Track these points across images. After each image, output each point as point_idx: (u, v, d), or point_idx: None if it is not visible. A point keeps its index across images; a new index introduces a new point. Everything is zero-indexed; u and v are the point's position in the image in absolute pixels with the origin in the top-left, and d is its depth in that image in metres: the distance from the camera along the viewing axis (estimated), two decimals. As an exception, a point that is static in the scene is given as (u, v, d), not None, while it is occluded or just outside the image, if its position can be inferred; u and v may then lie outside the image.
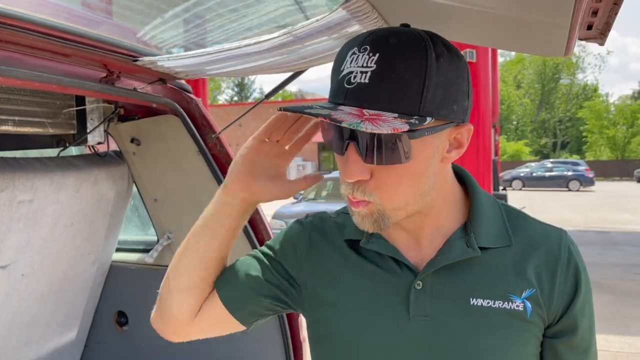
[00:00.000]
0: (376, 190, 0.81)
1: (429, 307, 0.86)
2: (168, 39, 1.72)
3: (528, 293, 0.85)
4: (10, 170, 1.68)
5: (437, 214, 0.89)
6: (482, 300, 0.85)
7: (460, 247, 0.87)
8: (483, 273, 0.86)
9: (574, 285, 0.87)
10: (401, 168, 0.79)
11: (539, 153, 55.35)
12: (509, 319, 0.84)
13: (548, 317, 0.86)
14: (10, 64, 1.35)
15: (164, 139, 2.10)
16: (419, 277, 0.87)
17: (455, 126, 0.82)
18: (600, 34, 1.29)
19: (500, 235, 0.88)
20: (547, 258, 0.87)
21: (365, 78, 0.75)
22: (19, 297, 1.95)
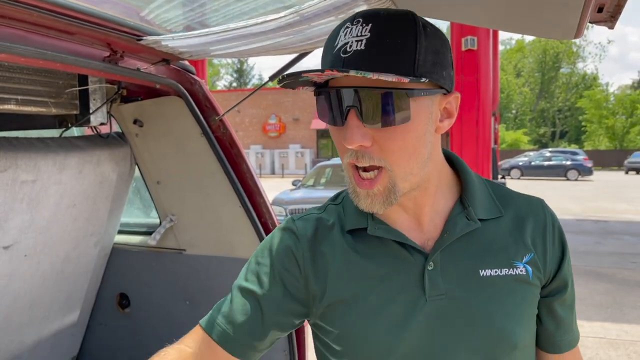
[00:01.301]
0: (382, 154, 0.82)
1: (443, 285, 0.87)
2: (172, 18, 1.70)
3: (528, 258, 0.90)
4: (13, 150, 1.67)
5: (434, 190, 0.92)
6: (490, 270, 0.89)
7: (462, 221, 0.90)
8: (486, 244, 0.91)
9: (561, 247, 0.94)
10: (402, 130, 0.80)
11: (538, 142, 55.35)
12: (516, 284, 0.89)
13: (544, 277, 0.92)
14: (15, 41, 1.33)
15: (167, 120, 2.08)
16: (430, 258, 0.88)
17: (444, 95, 0.86)
18: (611, 17, 1.27)
19: (492, 207, 0.94)
20: (536, 224, 0.94)
21: (361, 45, 0.78)
22: (21, 278, 1.95)
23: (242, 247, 2.11)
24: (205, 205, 2.14)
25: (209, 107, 2.04)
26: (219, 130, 2.04)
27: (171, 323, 2.32)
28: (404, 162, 0.82)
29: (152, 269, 2.34)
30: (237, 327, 0.95)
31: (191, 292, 2.26)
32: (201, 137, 2.03)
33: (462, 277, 0.88)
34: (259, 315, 0.94)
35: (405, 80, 0.75)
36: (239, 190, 2.03)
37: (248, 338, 0.94)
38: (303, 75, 0.78)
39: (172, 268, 2.29)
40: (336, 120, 0.82)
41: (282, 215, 8.73)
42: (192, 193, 2.16)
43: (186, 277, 2.26)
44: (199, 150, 2.06)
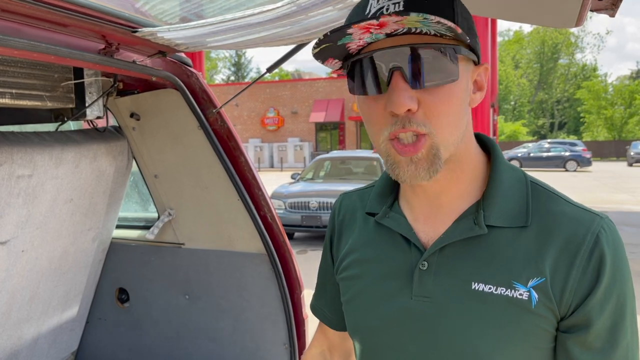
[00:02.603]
0: (427, 119, 0.76)
1: (431, 288, 0.83)
2: (168, 10, 1.68)
3: (535, 282, 0.77)
4: (8, 145, 1.65)
5: (460, 177, 0.85)
6: (484, 285, 0.79)
7: (467, 224, 0.82)
8: (489, 255, 0.81)
9: (594, 277, 0.76)
10: (448, 92, 0.76)
11: (537, 134, 55.37)
12: (510, 307, 0.78)
13: (560, 309, 0.77)
14: (8, 33, 1.31)
15: (164, 113, 2.06)
16: (424, 257, 0.84)
17: (475, 65, 0.83)
18: (612, 5, 1.25)
19: (517, 214, 0.81)
20: (567, 245, 0.78)
21: (399, 7, 0.74)
22: (19, 273, 1.94)
23: (241, 241, 2.10)
24: (204, 199, 2.13)
25: (206, 100, 2.02)
26: (216, 123, 2.02)
27: (170, 317, 2.31)
28: (448, 128, 0.77)
29: (151, 264, 2.33)
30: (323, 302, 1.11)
31: (190, 286, 2.25)
32: (199, 130, 2.01)
33: (452, 285, 0.82)
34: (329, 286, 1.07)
35: (459, 31, 0.69)
36: (238, 183, 2.02)
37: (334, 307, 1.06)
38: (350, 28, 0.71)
39: (171, 262, 2.28)
40: (376, 88, 0.77)
41: (281, 208, 8.72)
42: (190, 187, 2.15)
43: (185, 271, 2.25)
44: (197, 143, 2.04)
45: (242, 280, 2.13)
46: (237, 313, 2.16)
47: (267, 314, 2.10)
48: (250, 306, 2.13)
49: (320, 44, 0.75)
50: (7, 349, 2.08)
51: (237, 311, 2.16)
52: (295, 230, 8.88)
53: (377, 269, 0.90)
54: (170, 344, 2.34)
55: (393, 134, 0.77)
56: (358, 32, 0.72)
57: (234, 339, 2.19)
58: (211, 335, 2.23)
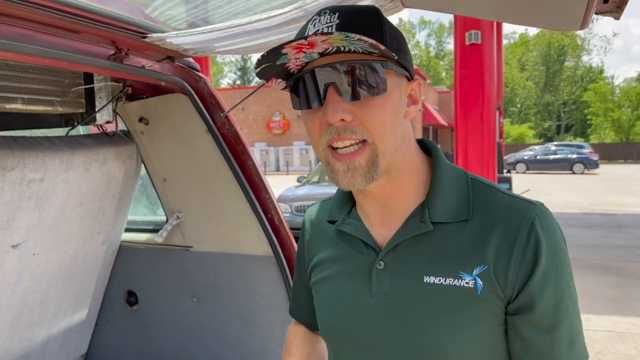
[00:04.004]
0: (363, 127, 0.83)
1: (388, 285, 0.89)
2: (176, 16, 1.70)
3: (479, 270, 0.83)
4: (20, 149, 1.68)
5: (404, 182, 0.91)
6: (435, 277, 0.85)
7: (414, 223, 0.89)
8: (437, 250, 0.87)
9: (532, 260, 0.82)
10: (380, 103, 0.83)
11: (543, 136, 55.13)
12: (459, 296, 0.83)
13: (505, 293, 0.83)
14: (21, 40, 1.34)
15: (173, 117, 2.09)
16: (380, 257, 0.91)
17: (408, 81, 0.90)
18: (617, 7, 1.26)
19: (460, 209, 0.88)
20: (506, 232, 0.84)
21: (332, 29, 0.81)
22: (30, 276, 1.96)
23: (248, 244, 2.11)
24: (212, 202, 2.15)
25: (214, 104, 2.04)
26: (224, 127, 2.04)
27: (179, 320, 2.33)
28: (385, 135, 0.84)
29: (160, 266, 2.35)
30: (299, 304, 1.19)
31: (198, 289, 2.27)
32: (207, 134, 2.03)
33: (406, 281, 0.88)
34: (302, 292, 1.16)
35: (382, 47, 0.76)
36: (245, 186, 2.04)
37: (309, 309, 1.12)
38: (284, 48, 0.78)
39: (179, 265, 2.30)
40: (314, 102, 0.84)
41: (287, 211, 8.74)
42: (198, 190, 2.17)
43: (193, 273, 2.27)
44: (205, 147, 2.06)
45: (250, 282, 2.14)
46: (245, 315, 2.17)
47: (274, 316, 2.11)
48: (258, 308, 2.14)
49: (260, 64, 0.83)
50: (18, 351, 2.10)
51: (245, 313, 2.17)
52: (301, 233, 8.89)
53: (340, 273, 0.97)
54: (178, 346, 2.35)
55: (329, 142, 0.84)
56: (292, 52, 0.80)
57: (242, 341, 2.20)
58: (219, 338, 2.25)
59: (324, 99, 0.83)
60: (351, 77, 0.81)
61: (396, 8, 1.37)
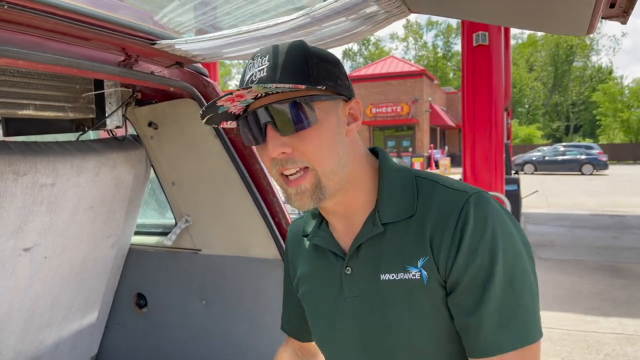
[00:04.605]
0: (303, 156, 0.91)
1: (356, 287, 0.98)
2: (185, 22, 1.73)
3: (422, 261, 0.90)
4: (32, 155, 1.71)
5: (358, 192, 0.98)
6: (388, 274, 0.93)
7: (368, 226, 0.97)
8: (387, 248, 0.95)
9: (457, 243, 0.87)
10: (315, 133, 0.91)
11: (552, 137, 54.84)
12: (409, 288, 0.91)
13: (442, 278, 0.90)
14: (33, 48, 1.36)
15: (181, 122, 2.11)
16: (346, 263, 1.00)
17: (346, 102, 0.97)
18: (623, 12, 1.27)
19: (403, 208, 0.95)
20: (439, 222, 0.90)
21: (263, 72, 0.91)
22: (41, 279, 1.99)
23: (256, 247, 2.13)
24: (220, 206, 2.16)
25: (222, 109, 2.06)
26: (232, 131, 2.06)
27: (187, 322, 2.35)
28: (324, 160, 0.92)
29: (169, 269, 2.38)
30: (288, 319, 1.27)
31: (207, 292, 2.29)
32: (215, 138, 2.05)
33: (367, 281, 0.96)
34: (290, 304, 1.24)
35: (301, 87, 0.86)
36: (253, 190, 2.05)
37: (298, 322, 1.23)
38: (218, 103, 0.89)
39: (188, 268, 2.32)
40: (258, 139, 0.93)
41: (294, 214, 8.75)
42: (206, 194, 2.19)
43: (202, 276, 2.29)
44: (213, 151, 2.08)
45: (258, 285, 2.16)
46: (253, 318, 2.19)
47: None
48: (266, 311, 2.16)
49: (204, 116, 0.94)
50: (29, 353, 2.13)
51: (253, 316, 2.19)
52: (309, 235, 8.90)
53: (317, 283, 1.07)
54: (187, 349, 2.37)
55: (279, 171, 0.94)
56: (228, 102, 0.90)
57: (250, 344, 2.22)
58: (227, 340, 2.27)
59: (265, 136, 0.92)
60: (283, 115, 0.89)
61: (403, 13, 1.38)
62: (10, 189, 1.66)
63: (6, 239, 1.74)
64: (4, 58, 1.28)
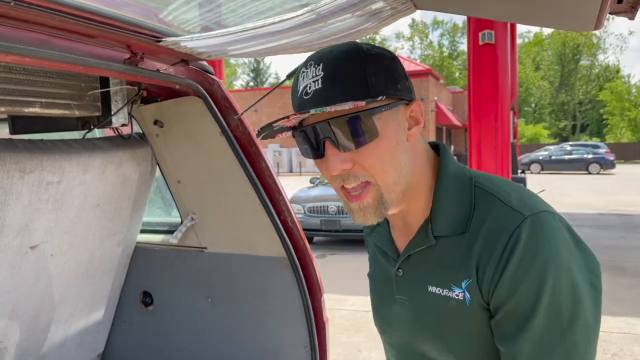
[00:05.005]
0: (364, 171, 0.89)
1: (405, 290, 1.01)
2: (190, 19, 1.72)
3: (466, 283, 0.89)
4: (38, 152, 1.71)
5: (416, 197, 0.96)
6: (435, 287, 0.94)
7: (420, 237, 0.96)
8: (436, 262, 0.94)
9: (502, 269, 0.83)
10: (375, 146, 0.87)
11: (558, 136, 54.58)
12: (453, 306, 0.91)
13: (485, 301, 0.87)
14: (38, 45, 1.36)
15: (187, 120, 2.11)
16: (397, 265, 1.01)
17: (406, 104, 0.92)
18: (631, 7, 1.25)
19: (459, 222, 0.92)
20: (488, 244, 0.86)
21: (319, 84, 0.87)
22: (48, 277, 1.99)
23: (262, 245, 2.13)
24: (225, 204, 2.16)
25: (227, 107, 2.06)
26: (237, 129, 2.06)
27: (193, 320, 2.35)
28: (386, 173, 0.89)
29: (174, 267, 2.38)
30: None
31: (213, 290, 2.29)
32: (220, 136, 2.05)
33: (416, 288, 0.98)
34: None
35: (361, 104, 0.82)
36: (258, 188, 2.05)
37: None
38: (274, 125, 0.88)
39: (194, 266, 2.32)
40: (316, 154, 0.91)
41: (300, 213, 8.75)
42: (212, 192, 2.19)
43: (208, 274, 2.29)
44: (219, 149, 2.08)
45: (264, 283, 2.15)
46: (259, 316, 2.19)
47: (288, 317, 2.13)
48: (272, 309, 2.15)
49: (259, 135, 0.93)
50: (35, 350, 2.13)
51: (259, 314, 2.19)
52: (314, 234, 8.90)
53: (376, 276, 1.12)
54: (192, 347, 2.38)
55: (340, 185, 0.92)
56: (284, 122, 0.86)
57: (256, 342, 2.22)
58: (233, 338, 2.27)
59: (323, 152, 0.89)
60: (343, 131, 0.86)
61: (409, 10, 1.37)
62: (16, 186, 1.66)
63: (13, 237, 1.75)
64: (11, 55, 1.29)
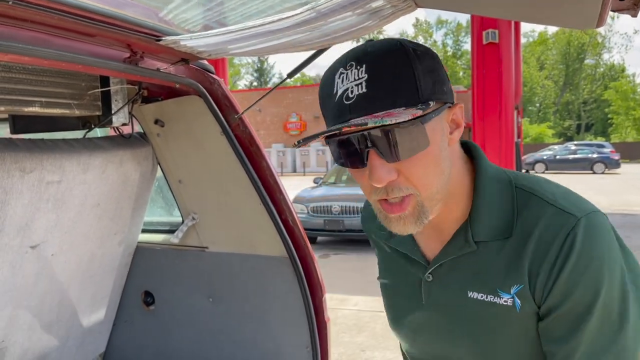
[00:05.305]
0: (408, 183, 0.83)
1: (437, 296, 0.96)
2: (190, 18, 1.72)
3: (516, 289, 0.85)
4: (38, 152, 1.71)
5: (453, 203, 0.91)
6: (477, 293, 0.90)
7: (459, 243, 0.91)
8: (478, 268, 0.90)
9: (557, 273, 0.81)
10: (423, 157, 0.82)
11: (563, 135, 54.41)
12: (499, 313, 0.87)
13: (536, 305, 0.85)
14: (37, 44, 1.36)
15: (187, 120, 2.10)
16: (428, 271, 0.96)
17: (449, 108, 0.86)
18: (634, 5, 1.24)
19: (502, 226, 0.87)
20: (541, 248, 0.83)
21: (362, 88, 0.79)
22: (49, 276, 1.99)
23: (263, 244, 2.12)
24: (226, 203, 2.16)
25: (228, 106, 2.05)
26: (238, 128, 2.06)
27: (194, 320, 2.35)
28: (430, 184, 0.84)
29: (176, 267, 2.38)
30: None
31: (214, 289, 2.28)
32: (221, 135, 2.05)
33: (452, 294, 0.93)
34: None
35: (419, 113, 0.76)
36: (259, 187, 2.05)
37: None
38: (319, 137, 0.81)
39: (195, 265, 2.31)
40: (357, 163, 0.84)
41: (303, 213, 8.75)
42: (213, 191, 2.18)
43: (209, 274, 2.28)
44: (219, 148, 2.07)
45: (265, 283, 2.15)
46: (260, 316, 2.18)
47: (289, 316, 2.12)
48: (273, 309, 2.15)
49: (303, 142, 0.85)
50: (37, 350, 2.13)
51: (260, 314, 2.18)
52: (317, 234, 8.90)
53: (395, 281, 1.05)
54: (194, 346, 2.37)
55: (378, 198, 0.85)
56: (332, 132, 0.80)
57: (257, 342, 2.21)
58: (234, 338, 2.26)
59: (366, 161, 0.82)
60: (391, 140, 0.79)
61: (409, 8, 1.36)
62: (16, 186, 1.66)
63: (13, 236, 1.74)
64: (9, 54, 1.28)
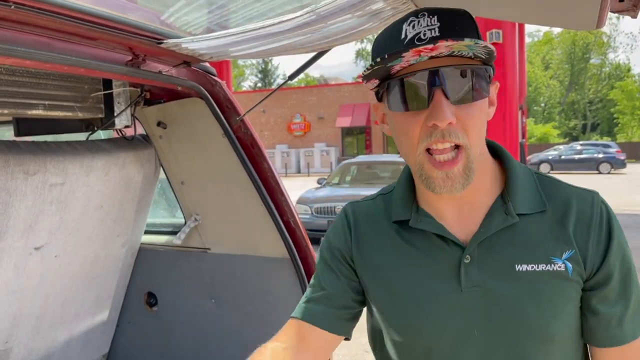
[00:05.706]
0: (464, 131, 0.85)
1: (478, 278, 0.91)
2: (192, 21, 1.73)
3: (568, 254, 0.89)
4: (42, 154, 1.72)
5: (483, 176, 0.93)
6: (527, 265, 0.90)
7: (500, 216, 0.92)
8: (524, 239, 0.91)
9: (606, 240, 0.90)
10: (479, 107, 0.86)
11: (568, 135, 54.21)
12: (553, 280, 0.89)
13: (585, 273, 0.90)
14: (40, 47, 1.37)
15: (190, 122, 2.12)
16: (466, 251, 0.92)
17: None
18: (633, 6, 1.24)
19: (536, 201, 0.93)
20: (580, 219, 0.91)
21: (435, 32, 0.82)
22: (52, 277, 2.01)
23: (265, 246, 2.13)
24: (228, 205, 2.17)
25: (230, 108, 2.06)
26: (240, 130, 2.07)
27: (197, 320, 2.36)
28: (478, 140, 0.88)
29: (178, 268, 2.39)
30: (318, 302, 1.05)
31: (216, 290, 2.29)
32: (223, 137, 2.06)
33: (497, 271, 0.91)
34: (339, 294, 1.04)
35: (492, 48, 0.81)
36: (261, 189, 2.05)
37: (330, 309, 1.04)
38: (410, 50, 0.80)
39: (198, 267, 2.32)
40: (420, 103, 0.85)
41: (307, 213, 8.75)
42: (215, 193, 2.19)
43: (211, 275, 2.29)
44: (221, 150, 2.09)
45: (267, 284, 2.16)
46: (262, 316, 2.19)
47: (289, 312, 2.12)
48: (275, 310, 2.15)
49: (374, 67, 0.84)
50: (41, 351, 2.15)
51: (262, 314, 2.19)
52: (321, 235, 8.89)
53: (420, 272, 0.95)
54: (197, 347, 2.38)
55: (431, 144, 0.85)
56: (410, 54, 0.81)
57: (259, 342, 2.21)
58: (236, 339, 2.27)
59: (428, 101, 0.84)
60: (460, 81, 0.83)
61: (409, 10, 1.37)
62: (20, 188, 1.68)
63: (17, 238, 1.76)
64: (12, 58, 1.30)
